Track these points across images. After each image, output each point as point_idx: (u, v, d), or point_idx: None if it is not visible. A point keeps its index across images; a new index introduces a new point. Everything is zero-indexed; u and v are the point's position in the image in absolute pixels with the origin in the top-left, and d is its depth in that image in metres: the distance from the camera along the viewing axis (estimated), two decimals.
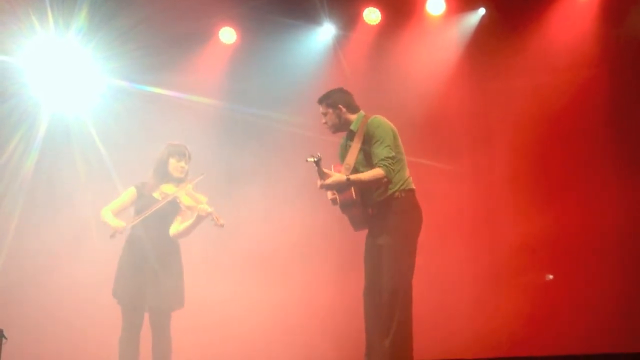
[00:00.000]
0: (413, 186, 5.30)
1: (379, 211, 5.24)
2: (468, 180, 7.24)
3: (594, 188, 6.75)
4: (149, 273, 5.55)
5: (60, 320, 6.71)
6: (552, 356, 4.77)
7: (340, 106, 5.36)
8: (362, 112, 5.40)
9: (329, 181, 5.09)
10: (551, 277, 6.83)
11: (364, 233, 5.36)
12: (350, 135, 5.38)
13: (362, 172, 5.20)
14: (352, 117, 5.38)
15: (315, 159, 5.04)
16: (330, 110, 5.37)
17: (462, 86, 7.34)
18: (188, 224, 5.54)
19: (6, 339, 4.54)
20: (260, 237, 7.15)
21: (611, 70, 6.92)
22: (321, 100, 5.43)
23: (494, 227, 7.04)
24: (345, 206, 5.21)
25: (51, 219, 6.86)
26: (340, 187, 5.15)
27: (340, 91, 5.44)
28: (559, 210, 6.76)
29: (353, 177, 5.12)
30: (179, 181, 5.66)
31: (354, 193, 5.18)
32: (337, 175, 5.12)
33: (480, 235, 7.07)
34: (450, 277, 7.00)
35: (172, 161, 5.68)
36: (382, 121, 5.29)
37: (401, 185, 5.23)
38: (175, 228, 5.61)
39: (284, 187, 7.13)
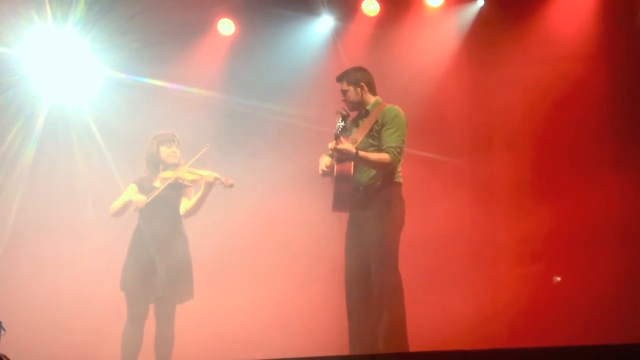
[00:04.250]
0: (401, 180, 5.33)
1: (364, 197, 5.27)
2: (467, 172, 7.24)
3: (592, 179, 6.74)
4: (157, 264, 5.58)
5: (59, 312, 6.71)
6: (550, 347, 4.76)
7: (363, 84, 5.42)
8: (379, 98, 5.45)
9: (340, 146, 5.11)
10: (559, 279, 6.83)
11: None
12: (364, 115, 5.42)
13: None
14: (371, 98, 5.46)
15: (344, 114, 5.12)
16: (352, 88, 5.44)
17: (460, 77, 7.33)
18: (198, 196, 5.66)
19: (5, 330, 4.54)
20: (256, 228, 7.17)
21: (610, 61, 6.91)
22: (341, 78, 5.48)
23: (492, 218, 7.05)
24: (340, 179, 5.24)
25: (50, 211, 6.86)
26: (346, 157, 5.17)
27: (362, 70, 5.53)
28: (557, 202, 6.76)
29: (362, 153, 5.17)
30: (175, 166, 5.73)
31: (352, 169, 5.22)
32: (349, 145, 5.15)
33: (479, 227, 7.08)
34: (448, 268, 7.00)
35: (163, 149, 5.78)
36: (400, 111, 5.37)
37: (392, 177, 5.26)
38: (185, 206, 5.69)
39: (282, 179, 7.14)
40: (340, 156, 5.19)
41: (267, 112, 7.34)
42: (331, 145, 5.18)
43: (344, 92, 5.47)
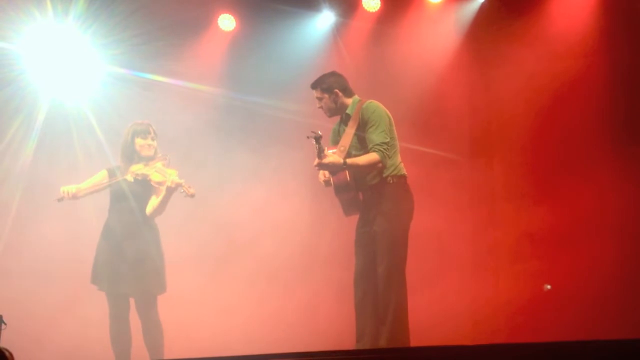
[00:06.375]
0: (405, 172, 5.33)
1: (371, 196, 5.28)
2: (467, 167, 7.25)
3: (591, 176, 6.75)
4: (128, 258, 5.58)
5: (59, 306, 6.72)
6: (550, 342, 4.78)
7: (337, 90, 5.39)
8: (357, 97, 5.43)
9: (325, 161, 5.12)
10: (549, 287, 6.84)
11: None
12: (345, 119, 5.41)
13: (355, 156, 5.24)
14: (348, 100, 5.42)
15: (316, 136, 5.07)
16: (327, 95, 5.41)
17: (461, 74, 7.33)
18: (159, 198, 5.58)
19: (5, 324, 4.54)
20: (258, 223, 7.18)
21: (612, 58, 6.90)
22: (315, 85, 5.46)
23: (492, 215, 7.06)
24: (339, 189, 5.25)
25: (50, 206, 6.84)
26: (335, 170, 5.18)
27: (334, 75, 5.48)
28: (557, 198, 6.78)
29: (349, 161, 5.16)
30: (148, 159, 5.71)
31: (348, 176, 5.22)
32: (334, 157, 5.15)
33: (478, 223, 7.09)
34: (449, 264, 7.01)
35: (138, 140, 5.74)
36: (378, 106, 5.33)
37: (393, 171, 5.27)
38: (150, 206, 5.66)
39: (282, 174, 7.16)
40: (328, 170, 5.21)
41: (267, 108, 7.33)
42: (315, 162, 5.17)
43: (319, 99, 5.46)
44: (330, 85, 5.42)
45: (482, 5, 7.35)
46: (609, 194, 6.68)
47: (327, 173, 5.35)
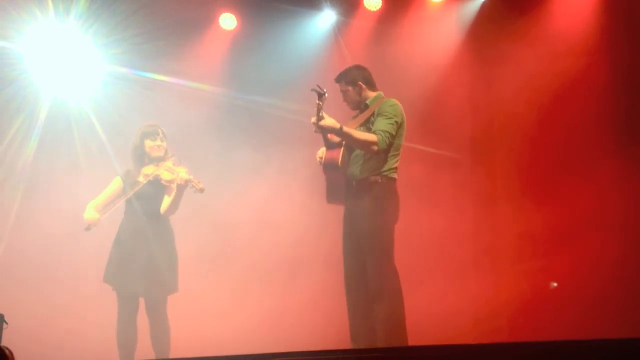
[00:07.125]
0: (396, 176, 5.31)
1: (356, 191, 5.25)
2: (468, 167, 7.25)
3: (592, 176, 6.75)
4: (141, 258, 5.59)
5: (61, 306, 6.73)
6: (550, 342, 4.79)
7: (360, 83, 5.41)
8: (381, 93, 5.44)
9: (322, 123, 5.07)
10: (555, 284, 6.85)
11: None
12: (363, 108, 5.41)
13: None
14: (371, 94, 5.43)
15: (320, 92, 5.02)
16: (350, 88, 5.42)
17: (462, 73, 7.33)
18: (172, 197, 5.59)
19: (7, 324, 4.56)
20: (257, 223, 7.20)
21: (613, 56, 6.90)
22: (340, 79, 5.46)
23: (493, 214, 7.06)
24: (328, 167, 5.23)
25: (52, 205, 6.87)
26: (330, 132, 5.13)
27: (359, 68, 5.50)
28: (557, 198, 6.77)
29: (346, 128, 5.15)
30: (159, 160, 5.73)
31: (340, 158, 5.19)
32: (332, 121, 5.12)
33: (479, 223, 7.09)
34: (449, 264, 7.01)
35: (148, 142, 5.77)
36: (397, 104, 5.35)
37: (385, 171, 5.25)
38: (163, 205, 5.67)
39: (282, 174, 7.16)
40: (324, 132, 5.16)
41: (268, 107, 7.34)
42: (313, 119, 5.12)
43: (344, 92, 5.46)
44: (354, 78, 5.44)
45: (483, 4, 7.35)
46: (610, 194, 6.68)
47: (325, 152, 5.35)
